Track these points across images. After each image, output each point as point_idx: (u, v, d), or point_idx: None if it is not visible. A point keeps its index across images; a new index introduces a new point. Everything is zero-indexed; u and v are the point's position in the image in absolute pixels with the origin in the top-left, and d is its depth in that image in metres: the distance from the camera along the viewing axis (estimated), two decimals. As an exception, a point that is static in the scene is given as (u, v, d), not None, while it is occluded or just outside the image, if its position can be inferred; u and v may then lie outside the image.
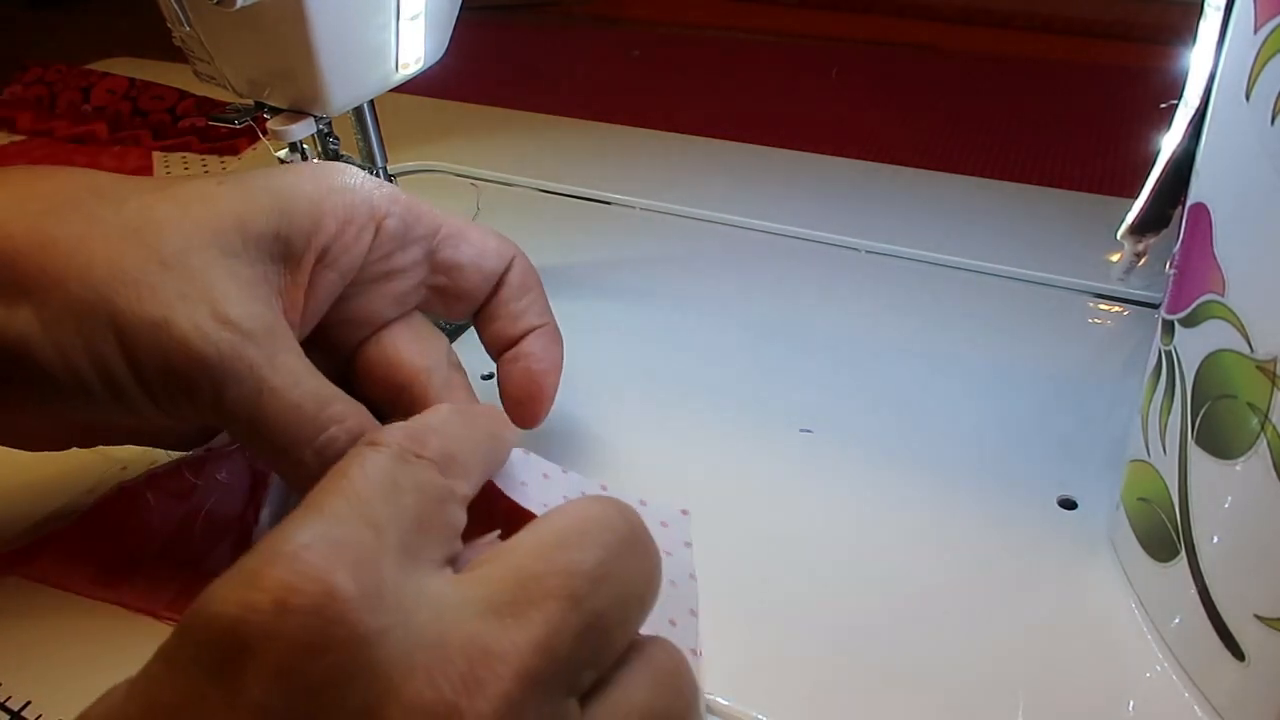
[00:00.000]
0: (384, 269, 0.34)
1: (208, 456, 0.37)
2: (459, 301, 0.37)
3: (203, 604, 0.20)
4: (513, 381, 0.37)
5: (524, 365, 0.37)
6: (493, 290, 0.37)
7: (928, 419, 0.42)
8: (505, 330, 0.38)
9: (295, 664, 0.19)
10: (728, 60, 0.99)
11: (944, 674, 0.32)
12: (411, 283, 0.36)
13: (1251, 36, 0.26)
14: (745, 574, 0.36)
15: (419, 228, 0.35)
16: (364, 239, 0.33)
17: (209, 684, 0.19)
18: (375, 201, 0.33)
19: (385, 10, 0.42)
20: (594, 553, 0.22)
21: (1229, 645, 0.29)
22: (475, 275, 0.36)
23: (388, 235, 0.34)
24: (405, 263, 0.35)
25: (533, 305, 0.38)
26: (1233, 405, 0.27)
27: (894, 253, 0.54)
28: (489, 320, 0.38)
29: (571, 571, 0.21)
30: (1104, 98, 0.83)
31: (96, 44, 0.85)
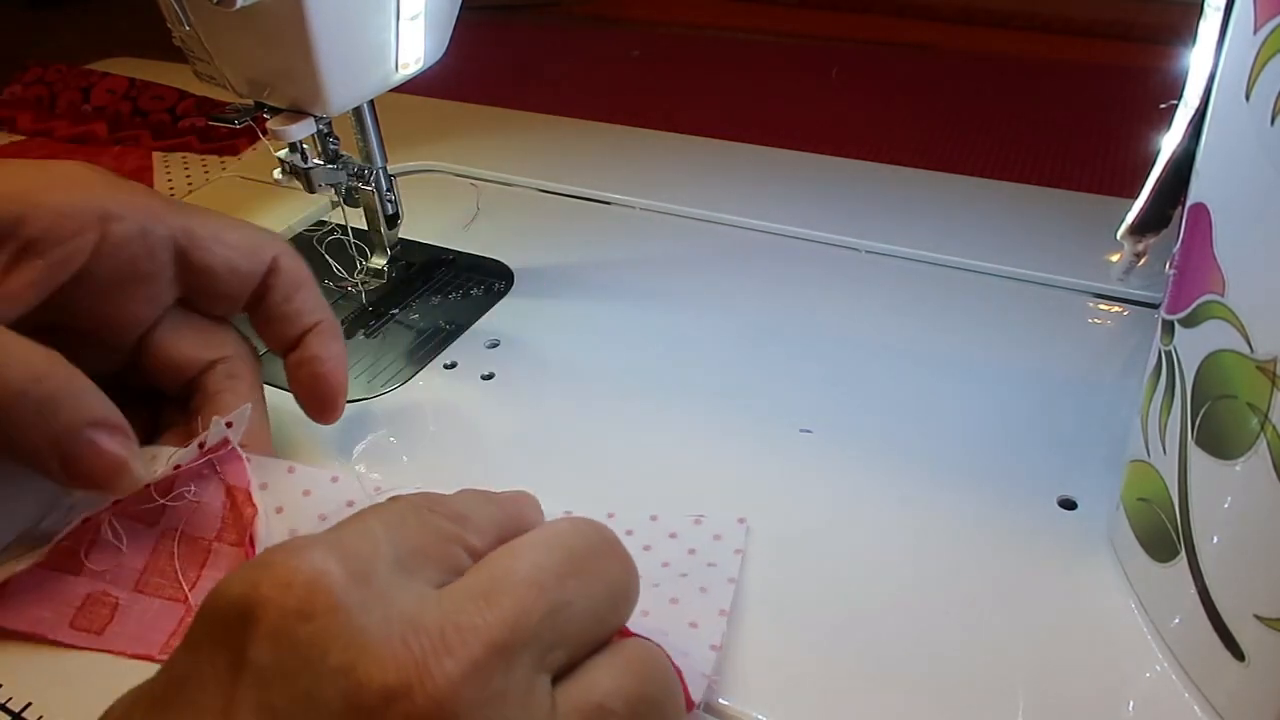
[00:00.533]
0: (129, 271, 0.35)
1: (176, 475, 0.35)
2: (216, 302, 0.38)
3: (218, 589, 0.23)
4: (303, 385, 0.39)
5: (309, 370, 0.39)
6: (259, 291, 0.38)
7: (927, 419, 0.42)
8: (283, 332, 0.39)
9: (286, 627, 0.22)
10: (727, 60, 0.99)
11: (944, 674, 0.32)
12: (162, 284, 0.37)
13: (1251, 37, 0.26)
14: (745, 574, 0.36)
15: (159, 229, 0.36)
16: (86, 237, 0.34)
17: (216, 651, 0.22)
18: (106, 204, 0.34)
19: (385, 10, 0.42)
20: (559, 554, 0.25)
21: (1229, 645, 0.29)
22: (230, 277, 0.37)
23: (122, 238, 0.35)
24: (152, 267, 0.36)
25: (305, 304, 0.39)
26: (1233, 405, 0.27)
27: (894, 253, 0.54)
28: (265, 323, 0.39)
29: (539, 566, 0.24)
30: (1104, 98, 0.83)
31: (96, 44, 0.85)
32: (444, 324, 0.51)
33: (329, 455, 0.42)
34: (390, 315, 0.51)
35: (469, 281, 0.54)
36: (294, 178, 0.47)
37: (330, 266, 0.52)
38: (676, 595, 0.33)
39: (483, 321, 0.51)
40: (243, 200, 0.62)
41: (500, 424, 0.44)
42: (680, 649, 0.30)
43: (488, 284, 0.54)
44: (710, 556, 0.35)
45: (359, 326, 0.51)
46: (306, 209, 0.61)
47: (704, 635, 0.32)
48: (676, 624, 0.32)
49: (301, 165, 0.46)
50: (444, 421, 0.45)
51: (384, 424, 0.44)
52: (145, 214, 0.35)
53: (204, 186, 0.65)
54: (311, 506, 0.36)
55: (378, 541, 0.24)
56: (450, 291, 0.53)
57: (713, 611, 0.33)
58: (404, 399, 0.46)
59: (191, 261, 0.37)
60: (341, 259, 0.52)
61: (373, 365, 0.48)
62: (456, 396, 0.46)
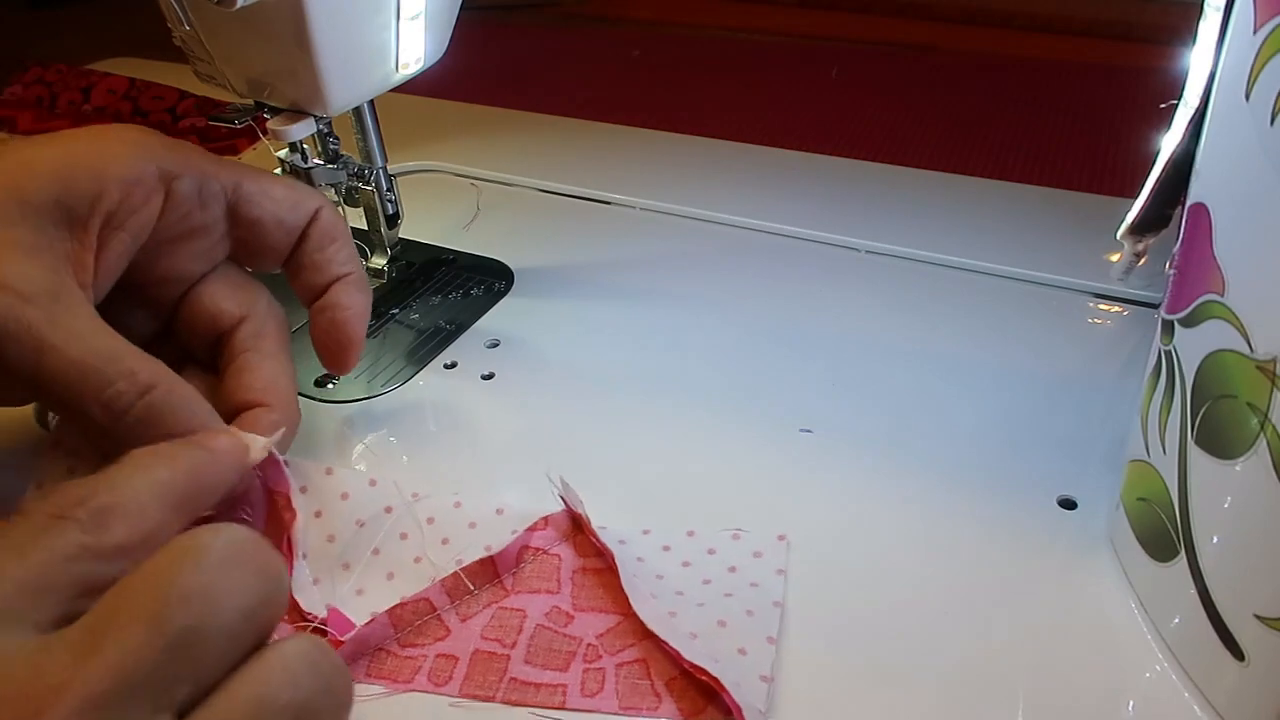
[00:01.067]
0: (185, 227, 0.36)
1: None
2: (263, 255, 0.39)
3: None
4: (320, 330, 0.39)
5: (329, 315, 0.39)
6: (298, 243, 0.39)
7: (927, 419, 0.42)
8: (312, 280, 0.39)
9: None
10: (727, 60, 0.99)
11: (944, 674, 0.32)
12: (215, 238, 0.37)
13: (1251, 37, 0.26)
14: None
15: (214, 185, 0.36)
16: (154, 201, 0.34)
17: None
18: (165, 163, 0.34)
19: (385, 10, 0.42)
20: (179, 573, 0.22)
21: (1229, 645, 0.29)
22: (276, 230, 0.38)
23: (181, 196, 0.35)
24: (206, 220, 0.36)
25: (337, 254, 0.39)
26: (1232, 405, 0.27)
27: (894, 253, 0.54)
28: (296, 271, 0.39)
29: (153, 595, 0.22)
30: (1104, 98, 0.83)
31: (97, 44, 0.85)
32: (444, 324, 0.51)
33: (330, 454, 0.42)
34: (390, 315, 0.51)
35: (469, 281, 0.54)
36: (294, 178, 0.47)
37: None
38: (724, 618, 0.33)
39: (483, 321, 0.51)
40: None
41: (500, 424, 0.44)
42: (733, 679, 0.30)
43: (488, 284, 0.54)
44: (752, 575, 0.35)
45: (359, 326, 0.51)
46: (307, 209, 0.61)
47: (753, 664, 0.31)
48: (727, 649, 0.32)
49: (301, 165, 0.46)
50: (444, 421, 0.45)
51: (384, 424, 0.44)
52: (200, 170, 0.35)
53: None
54: (350, 511, 0.37)
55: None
56: (450, 291, 0.53)
57: (761, 638, 0.32)
58: (404, 399, 0.46)
59: (241, 215, 0.37)
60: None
61: (373, 365, 0.48)
62: (456, 396, 0.46)
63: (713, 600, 0.34)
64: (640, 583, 0.34)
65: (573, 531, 0.37)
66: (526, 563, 0.36)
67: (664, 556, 0.36)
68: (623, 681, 0.32)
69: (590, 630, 0.33)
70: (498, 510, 0.37)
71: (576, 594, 0.35)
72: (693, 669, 0.31)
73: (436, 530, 0.37)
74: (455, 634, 0.34)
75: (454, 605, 0.34)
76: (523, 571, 0.35)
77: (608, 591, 0.34)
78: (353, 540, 0.36)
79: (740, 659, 0.31)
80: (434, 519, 0.37)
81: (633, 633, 0.33)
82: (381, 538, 0.36)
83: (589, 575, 0.35)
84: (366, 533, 0.36)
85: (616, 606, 0.34)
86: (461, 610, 0.34)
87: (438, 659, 0.33)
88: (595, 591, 0.35)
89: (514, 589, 0.35)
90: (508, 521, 0.37)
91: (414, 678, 0.32)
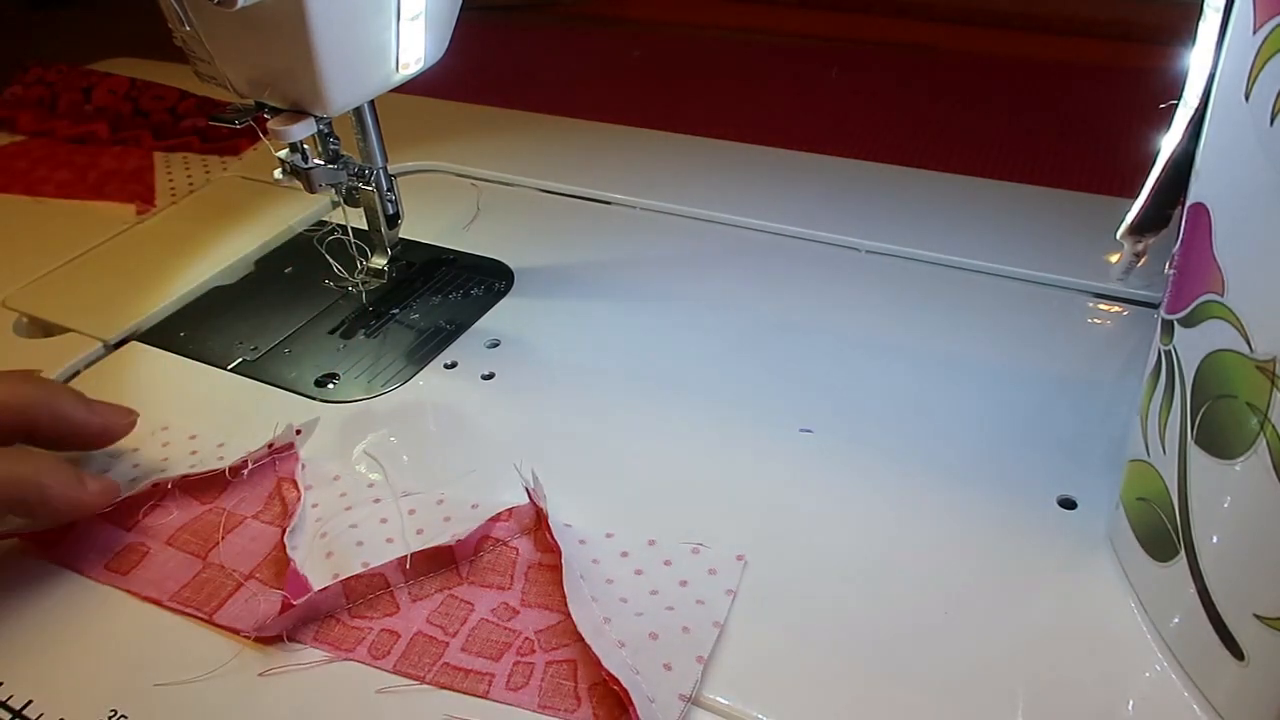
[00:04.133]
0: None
1: (247, 460, 0.41)
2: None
3: None
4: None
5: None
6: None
7: (928, 419, 0.43)
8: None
9: None
10: (727, 60, 0.99)
11: (944, 674, 0.32)
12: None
13: (1250, 37, 0.26)
14: (746, 574, 0.36)
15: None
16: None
17: None
18: None
19: (386, 11, 0.42)
20: None
21: (1228, 645, 0.29)
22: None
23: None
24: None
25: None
26: (1232, 405, 0.27)
27: (894, 252, 0.54)
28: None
29: None
30: (1103, 98, 0.83)
31: (98, 45, 0.85)
32: (444, 324, 0.51)
33: (329, 454, 0.42)
34: (391, 315, 0.52)
35: (469, 281, 0.54)
36: (294, 178, 0.47)
37: (331, 266, 0.52)
38: (657, 630, 0.33)
39: (483, 321, 0.51)
40: (243, 200, 0.63)
41: (500, 424, 0.44)
42: (647, 693, 0.31)
43: (488, 284, 0.54)
44: (700, 593, 0.35)
45: (359, 326, 0.51)
46: (307, 209, 0.61)
47: (675, 682, 0.31)
48: (650, 663, 0.32)
49: (302, 165, 0.46)
50: (444, 421, 0.45)
51: (384, 424, 0.44)
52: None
53: (205, 186, 0.65)
54: (347, 515, 0.39)
55: None
56: (450, 291, 0.53)
57: (690, 656, 0.32)
58: (404, 399, 0.46)
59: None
60: (342, 259, 0.52)
61: (373, 365, 0.48)
62: (456, 396, 0.46)
63: (652, 611, 0.34)
64: (586, 585, 0.35)
65: (534, 526, 0.37)
66: (485, 553, 0.37)
67: (620, 562, 0.36)
68: (548, 680, 0.32)
69: (531, 625, 0.34)
70: (473, 505, 0.38)
71: (527, 589, 0.35)
72: (608, 677, 0.31)
73: (415, 520, 0.38)
74: (403, 612, 0.35)
75: (407, 584, 0.36)
76: (480, 561, 0.36)
77: (556, 589, 0.35)
78: (338, 518, 0.39)
79: (664, 674, 0.32)
80: (415, 510, 0.39)
81: (568, 633, 0.33)
82: (363, 517, 0.38)
83: (543, 571, 0.36)
84: (351, 514, 0.39)
85: (560, 605, 0.34)
86: (414, 590, 0.36)
87: (381, 633, 0.34)
88: (545, 588, 0.35)
89: (468, 578, 0.36)
90: (481, 514, 0.37)
91: (355, 648, 0.34)
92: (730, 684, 0.32)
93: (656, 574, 0.36)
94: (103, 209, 0.63)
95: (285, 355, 0.49)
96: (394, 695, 0.32)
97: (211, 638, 0.35)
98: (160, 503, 0.39)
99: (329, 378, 0.47)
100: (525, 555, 0.36)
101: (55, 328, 0.52)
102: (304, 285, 0.54)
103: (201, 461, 0.42)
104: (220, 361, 0.49)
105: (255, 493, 0.40)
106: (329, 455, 0.42)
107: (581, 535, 0.37)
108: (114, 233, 0.60)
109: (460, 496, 0.39)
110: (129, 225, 0.61)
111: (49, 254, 0.58)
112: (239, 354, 0.49)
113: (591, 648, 0.32)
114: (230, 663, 0.33)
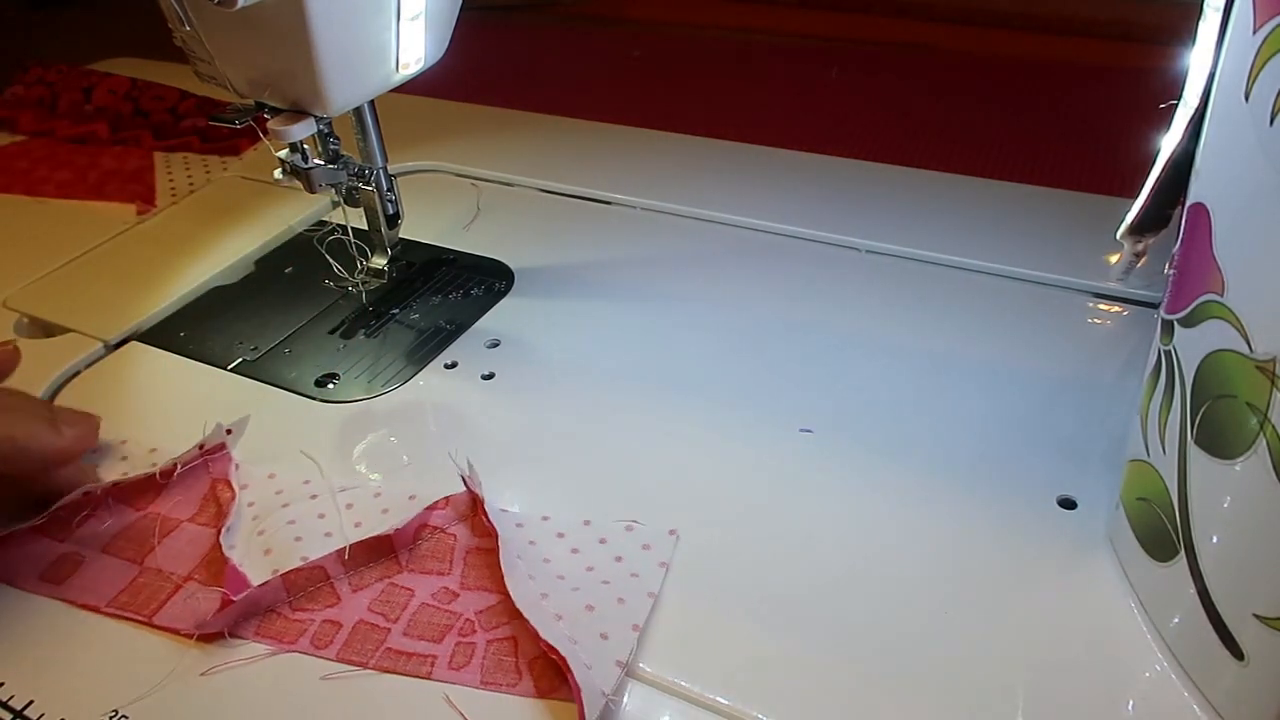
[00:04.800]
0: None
1: (174, 467, 0.40)
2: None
3: None
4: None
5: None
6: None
7: (928, 419, 0.42)
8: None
9: None
10: (727, 60, 0.99)
11: (944, 673, 0.32)
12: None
13: (1250, 37, 0.26)
14: (745, 573, 0.36)
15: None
16: None
17: None
18: None
19: (386, 11, 0.42)
20: None
21: (1228, 645, 0.29)
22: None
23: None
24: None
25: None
26: (1232, 405, 0.27)
27: (893, 252, 0.54)
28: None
29: None
30: (1103, 97, 0.83)
31: (98, 44, 0.85)
32: (444, 324, 0.51)
33: (330, 454, 0.42)
34: (391, 315, 0.52)
35: (469, 281, 0.54)
36: (294, 178, 0.47)
37: (331, 266, 0.52)
38: (593, 603, 0.34)
39: (483, 321, 0.51)
40: (243, 200, 0.63)
41: (500, 424, 0.44)
42: (585, 661, 0.31)
43: (488, 284, 0.54)
44: (635, 566, 0.36)
45: (359, 326, 0.51)
46: (307, 209, 0.61)
47: (612, 649, 0.32)
48: (587, 633, 0.32)
49: (302, 165, 0.46)
50: (444, 421, 0.45)
51: (384, 424, 0.44)
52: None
53: (205, 186, 0.65)
54: (284, 513, 0.39)
55: None
56: (451, 291, 0.53)
57: (626, 625, 0.33)
58: (404, 399, 0.46)
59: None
60: (342, 259, 0.52)
61: (373, 365, 0.48)
62: (456, 396, 0.46)
63: (588, 586, 0.35)
64: (523, 565, 0.35)
65: (470, 513, 0.38)
66: (424, 540, 0.37)
67: (556, 542, 0.37)
68: (490, 657, 0.33)
69: (471, 606, 0.35)
70: (410, 496, 0.39)
71: (466, 573, 0.36)
72: (546, 648, 0.32)
73: (352, 514, 0.39)
74: (345, 603, 0.35)
75: (347, 575, 0.36)
76: (419, 550, 0.37)
77: (494, 571, 0.35)
78: (274, 515, 0.39)
79: (601, 643, 0.32)
80: (353, 504, 0.39)
81: (508, 612, 0.34)
82: (301, 513, 0.39)
83: (480, 555, 0.36)
84: (288, 511, 0.39)
85: (498, 586, 0.35)
86: (354, 580, 0.36)
87: (323, 624, 0.35)
88: (483, 571, 0.36)
89: (408, 566, 0.36)
90: (418, 505, 0.38)
91: (298, 639, 0.34)
92: (729, 683, 0.32)
93: (592, 551, 0.36)
94: (103, 209, 0.63)
95: (285, 355, 0.49)
96: (338, 681, 0.33)
97: (151, 639, 0.35)
98: (94, 512, 0.39)
99: (329, 378, 0.47)
100: (463, 541, 0.37)
101: (56, 328, 0.52)
102: (304, 285, 0.54)
103: (133, 468, 0.42)
104: (220, 361, 0.49)
105: (189, 496, 0.40)
106: (264, 455, 0.42)
107: (520, 519, 0.38)
108: (114, 233, 0.60)
109: (398, 489, 0.39)
110: (129, 225, 0.61)
111: (49, 254, 0.58)
112: (239, 354, 0.49)
113: (529, 622, 0.32)
114: (174, 665, 0.34)
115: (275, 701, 0.32)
